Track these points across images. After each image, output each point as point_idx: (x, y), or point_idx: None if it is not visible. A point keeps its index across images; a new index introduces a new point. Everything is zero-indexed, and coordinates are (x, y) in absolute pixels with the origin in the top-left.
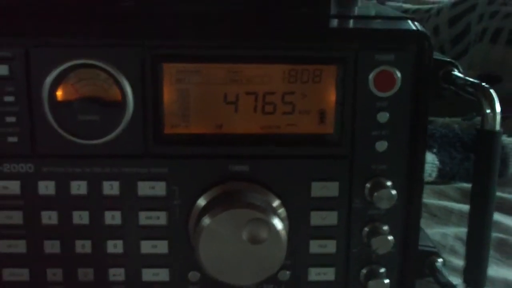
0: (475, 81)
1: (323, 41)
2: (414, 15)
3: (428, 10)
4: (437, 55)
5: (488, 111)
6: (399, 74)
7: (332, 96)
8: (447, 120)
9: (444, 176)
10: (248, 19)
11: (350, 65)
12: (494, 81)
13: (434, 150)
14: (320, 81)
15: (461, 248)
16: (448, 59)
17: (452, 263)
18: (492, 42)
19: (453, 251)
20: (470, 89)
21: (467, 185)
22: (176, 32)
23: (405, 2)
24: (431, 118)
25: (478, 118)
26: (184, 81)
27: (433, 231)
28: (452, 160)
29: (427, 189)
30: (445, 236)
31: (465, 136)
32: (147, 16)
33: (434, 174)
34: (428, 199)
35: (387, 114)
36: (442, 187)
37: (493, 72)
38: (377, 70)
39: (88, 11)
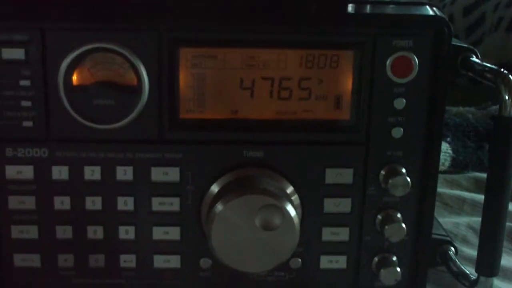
0: (494, 67)
1: (341, 26)
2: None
3: None
4: (455, 41)
5: (506, 97)
6: (417, 60)
7: (349, 82)
8: (461, 109)
9: (457, 165)
10: (265, 3)
11: (367, 50)
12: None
13: (448, 139)
14: (337, 67)
15: (473, 238)
16: (467, 45)
17: (464, 252)
18: (509, 31)
19: (465, 241)
20: (489, 75)
21: (480, 175)
22: (192, 17)
23: None
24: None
25: (493, 108)
26: (200, 66)
27: (445, 220)
28: (466, 149)
29: (440, 178)
30: (457, 225)
31: (479, 125)
32: (164, 1)
33: (447, 163)
34: (441, 188)
35: (404, 101)
36: (455, 176)
37: (509, 61)
38: (394, 55)
39: None
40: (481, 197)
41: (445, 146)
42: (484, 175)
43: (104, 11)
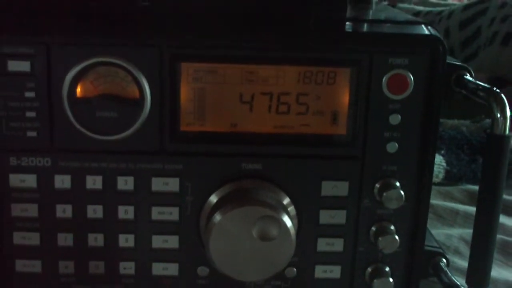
0: (487, 86)
1: (339, 44)
2: (425, 17)
3: (440, 13)
4: (449, 59)
5: (498, 115)
6: (412, 78)
7: (345, 98)
8: (455, 122)
9: (451, 178)
10: (265, 21)
11: (364, 68)
12: (503, 84)
13: (442, 152)
14: (334, 83)
15: (465, 249)
16: (461, 64)
17: (456, 263)
18: (503, 45)
19: (457, 252)
20: (482, 94)
21: (474, 187)
22: (194, 33)
23: (416, 4)
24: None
25: (487, 121)
26: (201, 80)
27: (438, 232)
28: (460, 162)
29: (433, 190)
30: (450, 237)
31: (473, 138)
32: (166, 16)
33: (441, 176)
34: (435, 200)
35: (399, 116)
36: (448, 188)
37: (503, 75)
38: (390, 73)
39: (108, 10)
40: (474, 209)
41: (439, 159)
42: (478, 188)
43: (108, 27)
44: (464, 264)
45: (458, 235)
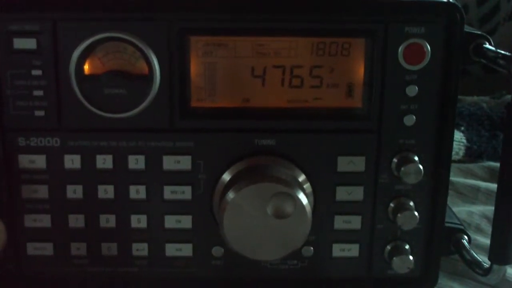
0: (507, 53)
1: (352, 13)
2: None
3: None
4: (468, 28)
5: None
6: (429, 47)
7: (360, 70)
8: (475, 98)
9: (472, 155)
10: None
11: (379, 38)
12: None
13: (462, 128)
14: (348, 54)
15: (486, 226)
16: (479, 32)
17: (478, 241)
18: None
19: (479, 230)
20: (502, 62)
21: (495, 164)
22: (203, 6)
23: None
24: (459, 97)
25: (508, 96)
26: (211, 55)
27: (459, 209)
28: (480, 138)
29: (454, 167)
30: (471, 214)
31: (493, 114)
32: None
33: (461, 153)
34: (455, 177)
35: (416, 88)
36: (469, 165)
37: None
38: (406, 42)
39: None
40: (495, 186)
41: (459, 136)
42: (499, 164)
43: (114, 1)
44: (486, 241)
45: (480, 212)
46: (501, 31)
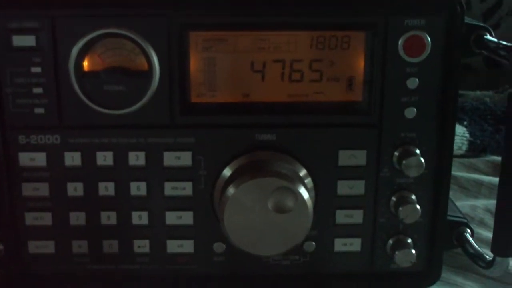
0: (508, 44)
1: (352, 6)
2: None
3: None
4: (468, 20)
5: None
6: (429, 39)
7: (360, 63)
8: (478, 93)
9: (475, 149)
10: None
11: (379, 30)
12: None
13: (465, 123)
14: (348, 48)
15: (490, 220)
16: (480, 24)
17: (481, 235)
18: None
19: (483, 223)
20: (503, 52)
21: (498, 158)
22: (201, 0)
23: None
24: (462, 92)
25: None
26: (211, 50)
27: (463, 203)
28: (483, 132)
29: (457, 162)
30: (475, 208)
31: (496, 108)
32: None
33: (464, 147)
34: (458, 172)
35: (417, 80)
36: (472, 160)
37: None
38: (407, 35)
39: None
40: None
41: (462, 130)
42: None
43: None
44: (489, 235)
45: (483, 206)
46: (503, 26)
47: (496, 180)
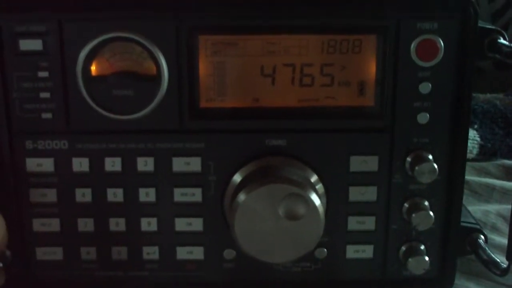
0: None
1: (363, 9)
2: None
3: None
4: (481, 23)
5: None
6: (442, 43)
7: (372, 67)
8: (488, 96)
9: (486, 153)
10: None
11: (391, 34)
12: None
13: (475, 126)
14: (360, 52)
15: (503, 225)
16: (494, 27)
17: (494, 241)
18: None
19: (495, 229)
20: None
21: (510, 162)
22: (211, 4)
23: None
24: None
25: None
26: (220, 54)
27: (475, 208)
28: (494, 136)
29: (468, 166)
30: (487, 213)
31: (507, 111)
32: None
33: (475, 151)
34: (469, 176)
35: (430, 85)
36: (483, 164)
37: None
38: (419, 39)
39: None
40: (511, 185)
41: (472, 133)
42: None
43: (121, 0)
44: (502, 241)
45: (496, 211)
46: None
47: (508, 184)
